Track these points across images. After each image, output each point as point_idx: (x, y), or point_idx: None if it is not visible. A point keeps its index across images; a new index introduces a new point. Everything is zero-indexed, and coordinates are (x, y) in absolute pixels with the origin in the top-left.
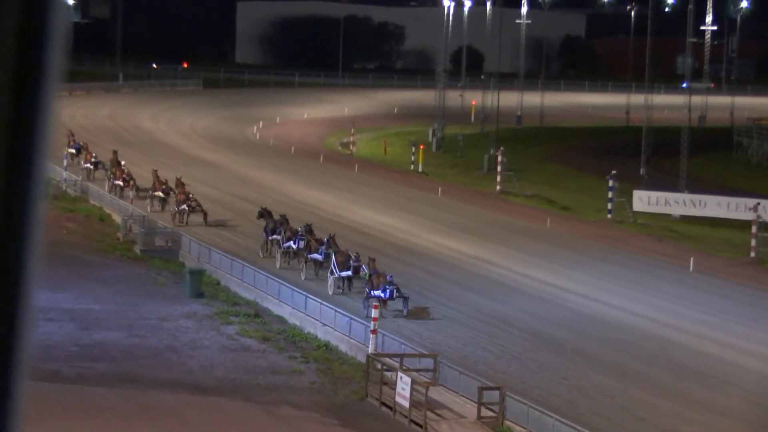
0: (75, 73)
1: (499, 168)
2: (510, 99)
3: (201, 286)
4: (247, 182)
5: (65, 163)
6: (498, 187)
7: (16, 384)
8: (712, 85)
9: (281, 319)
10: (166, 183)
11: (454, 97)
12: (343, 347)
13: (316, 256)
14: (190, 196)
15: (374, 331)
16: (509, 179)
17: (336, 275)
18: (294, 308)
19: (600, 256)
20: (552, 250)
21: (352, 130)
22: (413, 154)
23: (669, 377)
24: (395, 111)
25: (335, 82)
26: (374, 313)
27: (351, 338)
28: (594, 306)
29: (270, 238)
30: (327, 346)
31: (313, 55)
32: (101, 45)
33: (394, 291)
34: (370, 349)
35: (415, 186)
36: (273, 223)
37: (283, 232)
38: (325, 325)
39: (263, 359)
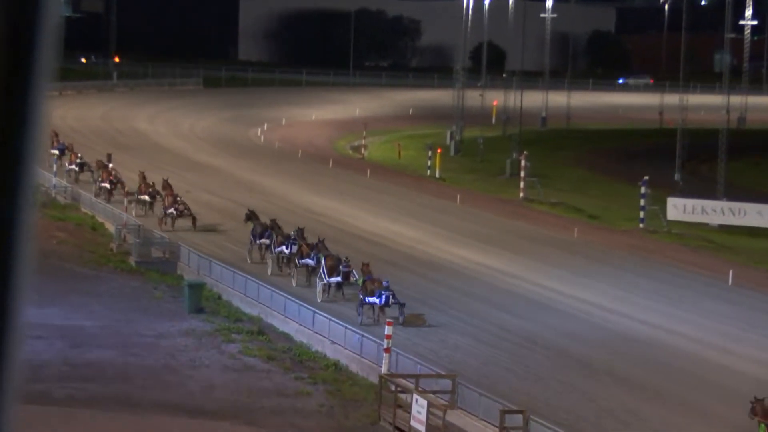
0: (66, 72)
1: (522, 173)
2: (534, 99)
3: (201, 300)
4: (251, 189)
5: (54, 167)
6: (521, 194)
7: (4, 406)
8: (651, 81)
9: (287, 337)
10: (153, 185)
11: (473, 97)
12: (353, 367)
13: (308, 261)
14: (178, 199)
15: (387, 350)
16: (533, 185)
17: (324, 281)
18: (301, 325)
19: (631, 268)
20: (579, 261)
21: (364, 133)
22: (430, 158)
23: (706, 399)
24: (410, 112)
25: (345, 81)
26: (387, 330)
27: (362, 357)
28: (625, 322)
29: (258, 242)
30: (336, 365)
31: (322, 51)
32: (94, 41)
33: (390, 297)
34: (383, 369)
35: (431, 193)
36: (261, 226)
37: (274, 237)
38: (334, 342)
39: (268, 380)
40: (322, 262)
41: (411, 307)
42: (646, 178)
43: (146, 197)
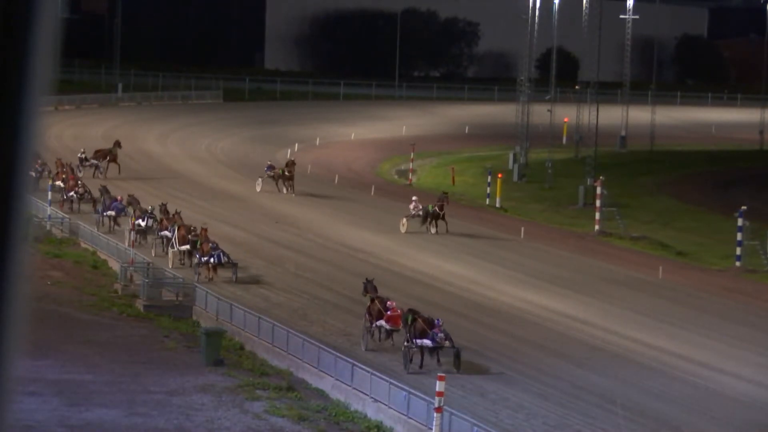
0: (63, 83)
1: (597, 203)
2: (612, 115)
3: (220, 351)
4: (281, 220)
5: (49, 195)
6: (596, 227)
7: None
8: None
9: (321, 394)
10: (66, 171)
11: (540, 113)
12: (399, 429)
13: (166, 233)
14: (79, 183)
15: (439, 409)
16: (611, 217)
17: (175, 249)
18: (337, 380)
19: (726, 314)
20: (665, 306)
21: (412, 155)
22: (489, 185)
23: None
24: (466, 130)
25: (390, 94)
26: (438, 386)
27: (410, 418)
28: (719, 378)
29: (105, 214)
30: (379, 428)
31: (363, 59)
32: (96, 48)
33: (221, 255)
34: None
35: (491, 225)
36: (109, 200)
37: (133, 211)
38: (376, 401)
39: None
40: (174, 231)
41: (466, 357)
42: (744, 208)
43: (61, 184)
